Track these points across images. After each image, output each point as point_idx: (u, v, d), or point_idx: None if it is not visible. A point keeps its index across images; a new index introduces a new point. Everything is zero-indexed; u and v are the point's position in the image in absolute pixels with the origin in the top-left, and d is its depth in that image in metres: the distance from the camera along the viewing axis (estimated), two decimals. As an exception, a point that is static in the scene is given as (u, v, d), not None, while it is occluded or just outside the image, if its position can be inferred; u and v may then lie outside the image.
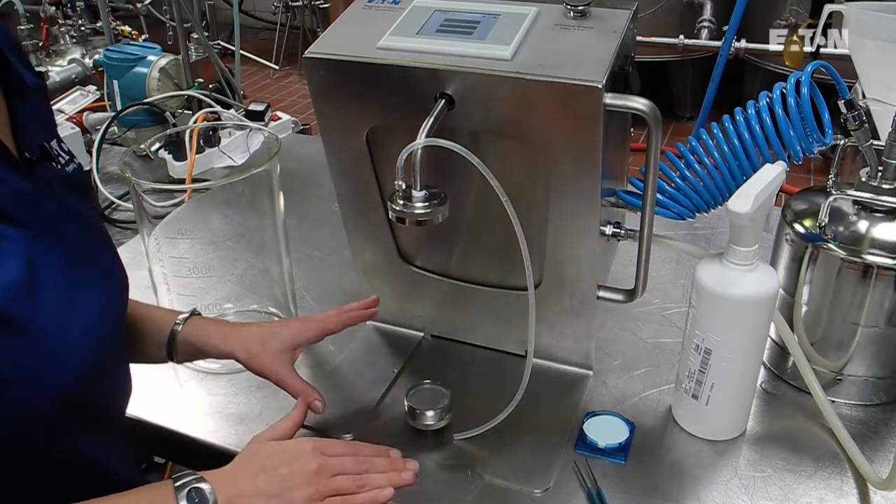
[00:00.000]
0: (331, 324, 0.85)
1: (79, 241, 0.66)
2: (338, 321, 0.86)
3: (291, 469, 0.66)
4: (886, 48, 1.02)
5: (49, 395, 0.59)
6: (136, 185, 0.88)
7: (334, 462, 0.68)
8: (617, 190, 0.85)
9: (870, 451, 0.80)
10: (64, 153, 0.69)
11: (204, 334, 0.81)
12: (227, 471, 0.66)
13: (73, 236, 0.65)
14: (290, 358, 0.81)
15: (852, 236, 0.81)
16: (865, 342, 0.84)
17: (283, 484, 0.65)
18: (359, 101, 0.79)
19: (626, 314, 1.03)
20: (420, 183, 0.70)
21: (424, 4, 0.80)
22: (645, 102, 0.70)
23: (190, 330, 0.81)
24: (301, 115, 3.04)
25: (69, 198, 0.66)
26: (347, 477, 0.68)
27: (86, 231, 0.69)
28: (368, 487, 0.68)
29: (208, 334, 0.81)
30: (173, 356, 0.81)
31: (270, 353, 0.80)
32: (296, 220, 1.28)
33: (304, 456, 0.67)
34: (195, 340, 0.81)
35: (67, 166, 0.68)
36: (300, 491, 0.65)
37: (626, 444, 0.82)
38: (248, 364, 0.80)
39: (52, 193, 0.64)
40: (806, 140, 0.76)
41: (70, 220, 0.65)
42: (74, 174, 0.69)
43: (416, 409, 0.83)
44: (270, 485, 0.64)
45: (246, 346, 0.80)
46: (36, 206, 0.61)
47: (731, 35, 2.54)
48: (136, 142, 1.54)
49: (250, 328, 0.83)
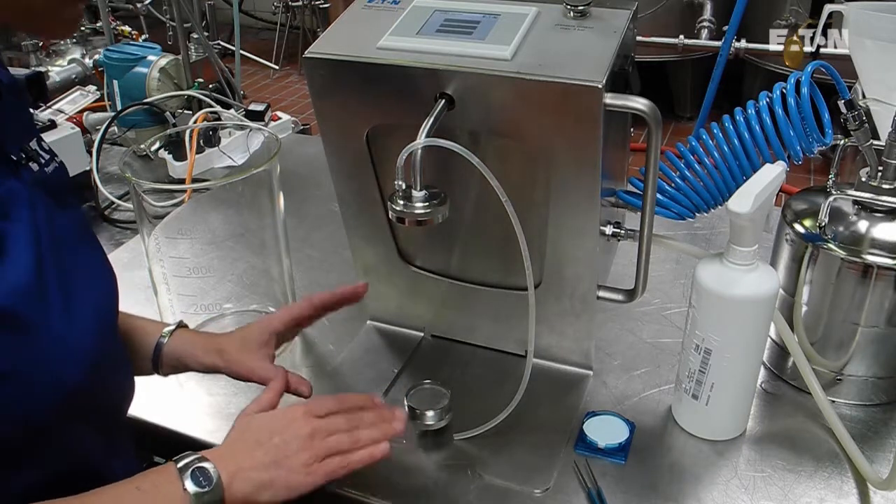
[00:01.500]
0: (296, 309, 0.85)
1: (69, 242, 0.66)
2: (308, 305, 0.85)
3: (285, 437, 0.67)
4: (886, 48, 1.02)
5: (59, 392, 0.59)
6: (136, 185, 0.88)
7: (326, 423, 0.69)
8: (617, 190, 0.85)
9: (870, 451, 0.81)
10: (44, 152, 0.69)
11: (190, 346, 0.81)
12: (223, 448, 0.67)
13: (64, 236, 0.65)
14: (266, 354, 0.81)
15: (852, 236, 0.81)
16: (865, 342, 0.84)
17: (280, 452, 0.66)
18: (359, 101, 0.79)
19: (626, 314, 1.03)
20: (420, 183, 0.70)
21: (424, 4, 0.80)
22: (645, 102, 0.70)
23: (176, 343, 0.81)
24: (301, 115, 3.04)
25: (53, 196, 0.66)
26: (341, 434, 0.69)
27: (74, 231, 0.69)
28: (362, 443, 0.69)
29: (193, 346, 0.81)
30: (159, 369, 0.81)
31: (245, 352, 0.80)
32: (296, 220, 1.28)
33: (297, 422, 0.68)
34: (180, 353, 0.81)
35: (48, 166, 0.68)
36: (297, 457, 0.66)
37: (626, 444, 0.82)
38: (228, 370, 0.80)
39: (39, 194, 0.64)
40: (806, 140, 0.76)
41: (58, 220, 0.65)
42: (56, 174, 0.69)
43: (416, 409, 0.83)
44: (268, 455, 0.65)
45: (223, 353, 0.80)
46: (31, 206, 0.61)
47: (731, 35, 2.54)
48: (136, 142, 1.54)
49: (227, 335, 0.83)
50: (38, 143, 0.69)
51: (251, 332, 0.82)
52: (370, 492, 0.78)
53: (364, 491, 0.78)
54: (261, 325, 0.83)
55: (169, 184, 1.36)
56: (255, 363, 0.80)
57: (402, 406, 0.84)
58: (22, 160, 0.64)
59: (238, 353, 0.80)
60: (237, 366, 0.80)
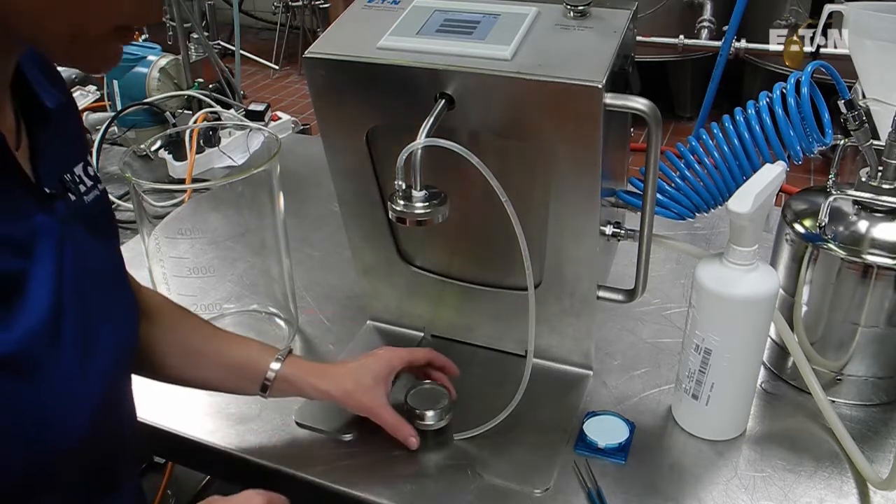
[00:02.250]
0: (418, 353, 0.87)
1: (99, 279, 0.65)
2: (424, 355, 0.87)
3: None
4: (886, 48, 1.02)
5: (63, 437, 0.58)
6: (136, 185, 0.88)
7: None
8: (617, 190, 0.85)
9: (870, 451, 0.81)
10: (88, 178, 0.67)
11: (303, 374, 0.81)
12: None
13: (94, 271, 0.64)
14: (385, 390, 0.82)
15: (852, 236, 0.81)
16: (865, 342, 0.84)
17: None
18: (359, 101, 0.79)
19: (626, 314, 1.03)
20: (420, 183, 0.70)
21: (424, 4, 0.80)
22: (645, 102, 0.70)
23: (288, 369, 0.81)
24: (301, 115, 3.04)
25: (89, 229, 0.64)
26: None
27: (105, 267, 0.67)
28: None
29: (306, 374, 0.81)
30: (266, 392, 0.81)
31: (364, 388, 0.81)
32: (296, 220, 1.28)
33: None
34: (293, 379, 0.81)
35: (88, 194, 0.66)
36: None
37: (626, 444, 0.82)
38: (345, 402, 0.81)
39: (73, 227, 0.62)
40: (806, 140, 0.76)
41: (91, 254, 0.64)
42: (95, 203, 0.67)
43: (415, 409, 0.83)
44: None
45: (340, 384, 0.81)
46: (59, 242, 0.59)
47: (731, 35, 2.54)
48: (136, 142, 1.54)
49: (343, 366, 0.84)
50: (85, 167, 0.67)
51: (372, 367, 0.82)
52: (370, 492, 0.78)
53: (364, 491, 0.78)
54: (381, 362, 0.83)
55: (169, 184, 1.36)
56: (375, 402, 0.81)
57: (402, 405, 0.84)
58: (58, 192, 0.61)
59: (357, 389, 0.81)
60: (355, 402, 0.81)
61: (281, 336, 1.02)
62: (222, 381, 0.82)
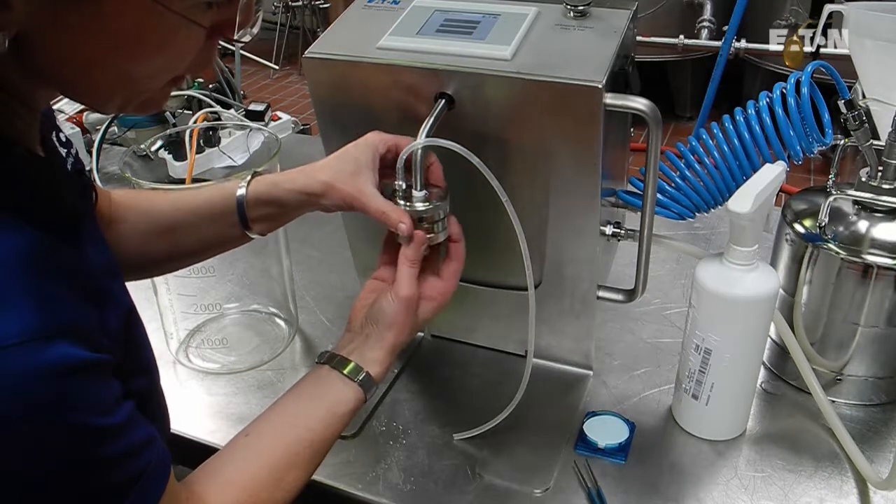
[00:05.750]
0: (402, 141, 0.73)
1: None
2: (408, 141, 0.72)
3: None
4: (886, 48, 1.02)
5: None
6: (136, 185, 0.88)
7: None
8: (617, 190, 0.85)
9: (870, 451, 0.81)
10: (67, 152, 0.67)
11: (276, 183, 0.75)
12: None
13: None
14: (371, 178, 0.71)
15: (852, 236, 0.81)
16: (865, 342, 0.84)
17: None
18: (359, 100, 0.79)
19: (626, 314, 1.03)
20: (420, 183, 0.70)
21: (424, 4, 0.80)
22: (645, 102, 0.70)
23: (257, 186, 0.75)
24: (301, 115, 3.04)
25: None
26: None
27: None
28: None
29: (280, 182, 0.75)
30: (249, 225, 0.76)
31: (346, 175, 0.71)
32: (296, 220, 1.27)
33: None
34: (266, 194, 0.75)
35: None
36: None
37: (626, 444, 0.82)
38: (328, 195, 0.72)
39: None
40: (806, 140, 0.76)
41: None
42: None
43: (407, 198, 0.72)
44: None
45: (316, 176, 0.72)
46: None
47: (731, 35, 2.54)
48: (136, 142, 1.54)
49: (321, 161, 0.75)
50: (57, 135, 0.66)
51: (351, 152, 0.72)
52: (370, 492, 0.78)
53: (364, 491, 0.78)
54: (361, 146, 0.72)
55: (169, 184, 1.35)
56: (360, 188, 0.70)
57: (402, 406, 0.84)
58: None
59: (335, 174, 0.71)
60: (336, 192, 0.71)
61: (281, 336, 1.02)
62: (203, 235, 0.79)
